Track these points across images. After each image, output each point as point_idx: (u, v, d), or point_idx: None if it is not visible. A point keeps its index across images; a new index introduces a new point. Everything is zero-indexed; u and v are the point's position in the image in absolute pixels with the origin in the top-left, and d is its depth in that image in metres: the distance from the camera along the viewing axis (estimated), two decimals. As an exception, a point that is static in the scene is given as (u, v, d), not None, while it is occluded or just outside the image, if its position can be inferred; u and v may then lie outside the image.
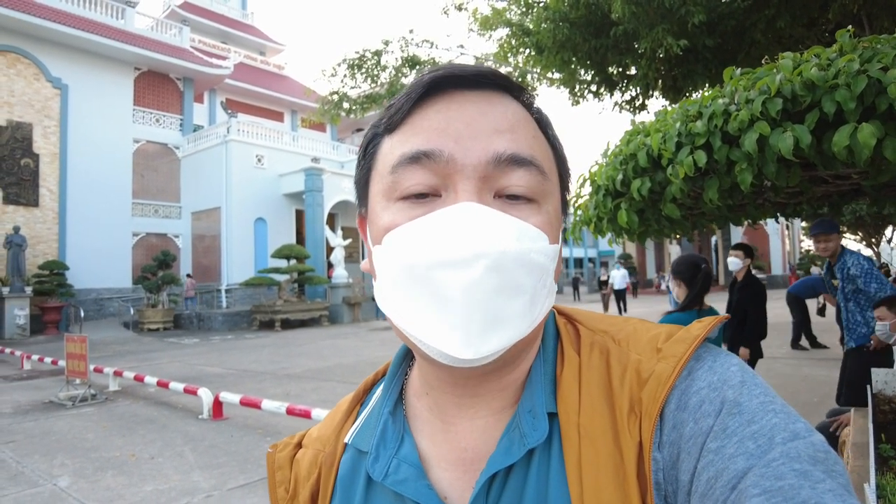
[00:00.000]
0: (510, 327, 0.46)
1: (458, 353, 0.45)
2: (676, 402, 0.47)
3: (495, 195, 0.49)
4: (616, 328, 0.56)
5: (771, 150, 2.27)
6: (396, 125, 0.51)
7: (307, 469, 0.62)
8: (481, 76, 0.50)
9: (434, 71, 0.50)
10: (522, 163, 0.49)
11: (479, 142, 0.48)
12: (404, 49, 11.98)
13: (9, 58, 18.93)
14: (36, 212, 19.20)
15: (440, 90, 0.50)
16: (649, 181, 2.87)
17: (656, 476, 0.45)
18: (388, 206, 0.50)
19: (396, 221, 0.49)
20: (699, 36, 7.64)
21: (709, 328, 0.51)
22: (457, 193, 0.48)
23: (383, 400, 0.60)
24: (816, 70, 2.20)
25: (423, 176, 0.48)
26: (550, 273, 0.50)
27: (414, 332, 0.48)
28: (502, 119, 0.49)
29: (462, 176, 0.48)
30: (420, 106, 0.50)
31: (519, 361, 0.54)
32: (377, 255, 0.51)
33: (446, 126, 0.48)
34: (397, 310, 0.49)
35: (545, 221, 0.50)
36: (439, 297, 0.45)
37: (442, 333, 0.46)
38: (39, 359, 10.43)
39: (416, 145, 0.49)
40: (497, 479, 0.50)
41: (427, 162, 0.48)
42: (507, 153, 0.48)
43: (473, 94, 0.50)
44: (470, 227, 0.45)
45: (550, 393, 0.52)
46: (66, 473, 4.66)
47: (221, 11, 32.73)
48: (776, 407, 0.44)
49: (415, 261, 0.46)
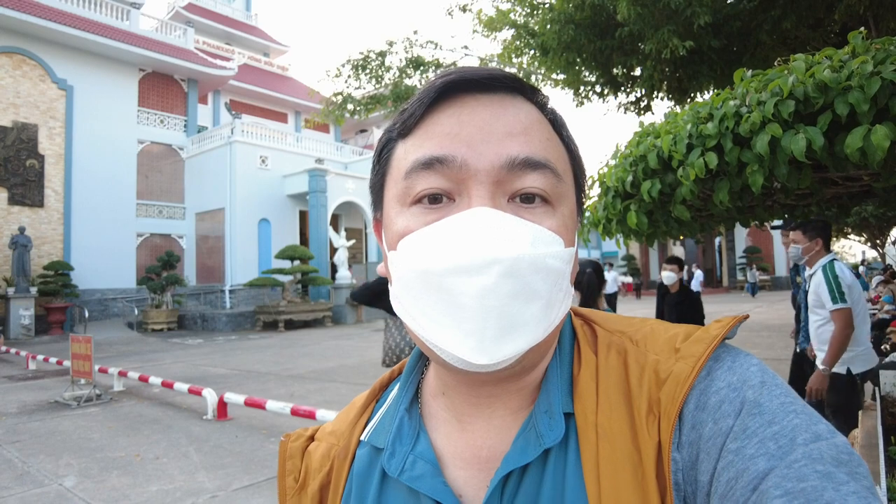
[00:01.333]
0: (526, 333, 0.46)
1: (472, 358, 0.45)
2: (695, 402, 0.47)
3: (509, 199, 0.49)
4: (633, 329, 0.56)
5: (783, 151, 2.25)
6: (410, 130, 0.51)
7: (319, 461, 0.62)
8: (493, 79, 0.50)
9: (446, 75, 0.50)
10: (536, 166, 0.48)
11: (491, 146, 0.48)
12: (408, 50, 11.99)
13: (15, 59, 19.00)
14: (41, 212, 19.25)
15: (452, 94, 0.50)
16: (659, 183, 2.86)
17: (675, 476, 0.45)
18: (402, 212, 0.50)
19: (410, 227, 0.49)
20: (705, 37, 7.63)
21: (728, 328, 0.50)
22: (470, 198, 0.48)
23: (399, 398, 0.60)
24: (829, 72, 2.18)
25: (437, 181, 0.48)
26: (566, 276, 0.50)
27: (429, 337, 0.48)
28: (515, 122, 0.49)
29: (475, 181, 0.48)
30: (433, 111, 0.50)
31: (538, 364, 0.53)
32: (392, 261, 0.51)
33: (459, 131, 0.48)
34: (412, 315, 0.49)
35: (560, 224, 0.50)
36: (453, 303, 0.45)
37: (456, 339, 0.46)
38: (44, 359, 10.46)
39: (428, 151, 0.49)
40: (512, 478, 0.49)
41: (440, 167, 0.48)
42: (520, 157, 0.48)
43: (486, 97, 0.50)
44: (483, 233, 0.45)
45: (567, 393, 0.52)
46: (72, 473, 4.66)
47: (225, 13, 32.79)
48: (797, 408, 0.43)
49: (428, 267, 0.46)
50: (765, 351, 9.84)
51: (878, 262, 32.63)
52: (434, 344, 0.48)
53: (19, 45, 19.01)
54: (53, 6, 20.05)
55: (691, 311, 4.76)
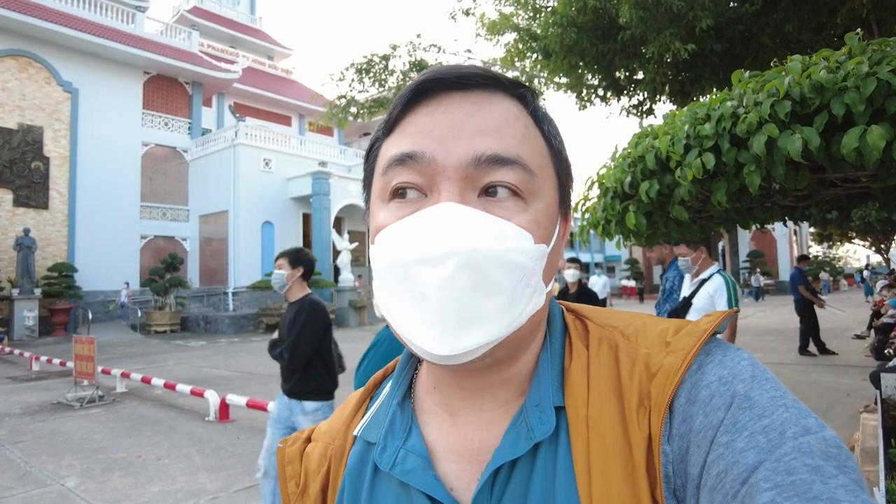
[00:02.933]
0: (487, 325, 0.46)
1: (435, 349, 0.46)
2: (686, 395, 0.47)
3: (479, 194, 0.49)
4: (625, 323, 0.56)
5: (779, 152, 2.26)
6: (391, 128, 0.53)
7: (317, 462, 0.63)
8: (470, 77, 0.50)
9: (423, 73, 0.51)
10: (505, 162, 0.49)
11: (461, 143, 0.49)
12: (412, 53, 12.00)
13: (20, 62, 19.14)
14: (46, 214, 19.35)
15: (430, 93, 0.51)
16: (657, 183, 2.87)
17: (665, 469, 0.45)
18: (381, 207, 0.52)
19: (386, 221, 0.51)
20: (707, 40, 7.62)
21: (717, 322, 0.51)
22: (440, 194, 0.49)
23: (392, 394, 0.61)
24: (825, 73, 2.19)
25: (409, 176, 0.50)
26: (536, 273, 0.49)
27: (400, 329, 0.49)
28: (489, 119, 0.50)
29: (443, 177, 0.49)
30: (411, 109, 0.51)
31: (517, 357, 0.54)
32: (371, 254, 0.53)
33: (432, 128, 0.50)
34: (387, 307, 0.51)
35: (531, 220, 0.50)
36: (417, 294, 0.46)
37: (422, 330, 0.47)
38: (48, 360, 10.50)
39: (402, 147, 0.50)
40: (502, 471, 0.50)
41: (411, 163, 0.49)
42: (486, 153, 0.48)
43: (461, 95, 0.50)
44: (444, 226, 0.46)
45: (558, 387, 0.52)
46: (74, 474, 4.68)
47: (230, 16, 32.94)
48: (787, 402, 0.44)
49: (397, 258, 0.48)
50: (768, 355, 9.83)
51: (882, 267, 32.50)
52: (404, 335, 0.49)
53: (25, 47, 19.15)
54: (59, 9, 20.19)
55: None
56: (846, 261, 64.79)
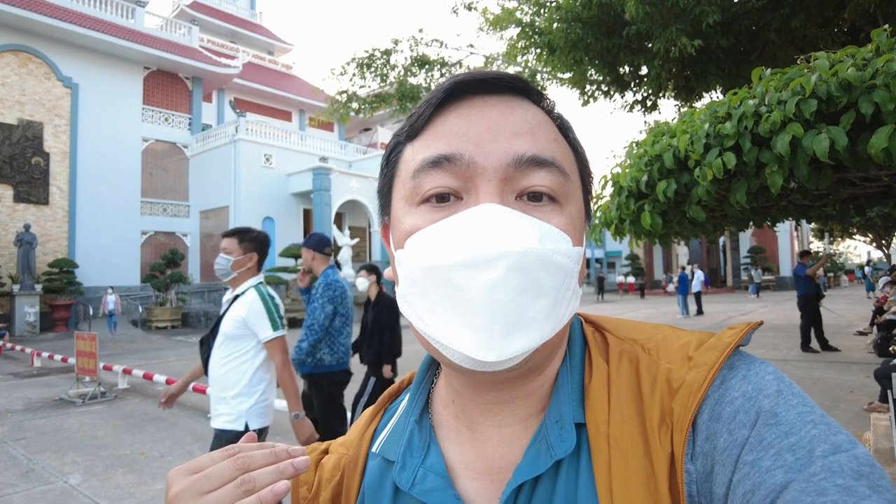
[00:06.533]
0: (533, 329, 0.45)
1: (480, 355, 0.45)
2: (710, 412, 0.46)
3: (517, 197, 0.49)
4: (646, 336, 0.55)
5: (804, 151, 2.22)
6: (418, 132, 0.52)
7: (330, 472, 0.63)
8: (501, 81, 0.50)
9: (454, 77, 0.51)
10: (543, 164, 0.49)
11: (499, 144, 0.48)
12: (414, 48, 11.93)
13: (20, 57, 19.05)
14: (46, 210, 19.30)
15: (460, 96, 0.50)
16: (675, 183, 2.82)
17: (689, 488, 0.44)
18: (410, 211, 0.51)
19: (418, 225, 0.49)
20: (713, 36, 7.58)
21: (741, 335, 0.49)
22: (478, 196, 0.48)
23: (409, 409, 0.60)
24: (853, 70, 2.14)
25: (445, 179, 0.49)
26: (574, 275, 0.49)
27: (436, 335, 0.47)
28: (522, 122, 0.50)
29: (483, 178, 0.48)
30: (441, 112, 0.51)
31: (544, 367, 0.53)
32: (399, 259, 0.51)
33: (467, 130, 0.49)
34: (419, 313, 0.49)
35: (568, 223, 0.49)
36: (461, 298, 0.45)
37: (464, 336, 0.45)
38: (49, 356, 10.49)
39: (437, 150, 0.49)
40: (524, 489, 0.49)
41: (448, 165, 0.48)
42: (527, 154, 0.48)
43: (493, 98, 0.50)
44: (491, 228, 0.45)
45: (578, 403, 0.51)
46: (77, 471, 4.66)
47: (230, 11, 32.84)
48: (815, 418, 0.42)
49: (436, 262, 0.46)
50: (770, 351, 9.81)
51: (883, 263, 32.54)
52: (441, 343, 0.47)
53: (25, 42, 19.07)
54: (59, 4, 20.10)
55: (385, 315, 4.77)
56: (847, 257, 64.90)
